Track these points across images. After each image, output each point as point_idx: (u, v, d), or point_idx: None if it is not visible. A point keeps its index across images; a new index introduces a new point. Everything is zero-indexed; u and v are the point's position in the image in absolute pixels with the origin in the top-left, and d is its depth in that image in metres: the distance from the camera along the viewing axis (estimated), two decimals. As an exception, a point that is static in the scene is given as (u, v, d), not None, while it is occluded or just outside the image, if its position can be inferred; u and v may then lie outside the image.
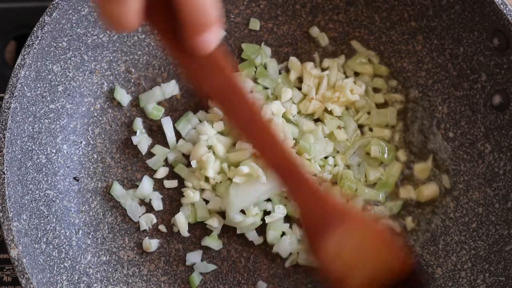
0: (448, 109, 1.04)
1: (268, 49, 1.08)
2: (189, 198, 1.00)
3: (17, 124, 0.90)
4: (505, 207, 0.95)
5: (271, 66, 1.08)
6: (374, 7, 1.07)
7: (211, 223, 1.00)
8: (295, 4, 1.09)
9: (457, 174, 1.02)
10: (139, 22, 0.65)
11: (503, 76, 0.95)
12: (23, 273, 0.84)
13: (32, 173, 0.93)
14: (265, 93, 1.06)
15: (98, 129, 1.04)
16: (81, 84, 1.02)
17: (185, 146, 1.03)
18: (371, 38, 1.08)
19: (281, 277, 1.00)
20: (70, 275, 0.94)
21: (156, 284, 0.99)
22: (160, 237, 1.01)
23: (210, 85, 0.73)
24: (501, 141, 0.97)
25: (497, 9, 0.92)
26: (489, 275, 0.93)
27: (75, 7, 0.96)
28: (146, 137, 1.04)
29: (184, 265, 0.99)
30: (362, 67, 1.08)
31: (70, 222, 0.98)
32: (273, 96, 1.06)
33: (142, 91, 1.06)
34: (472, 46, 0.99)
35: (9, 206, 0.86)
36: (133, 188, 1.02)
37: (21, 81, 0.90)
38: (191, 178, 1.02)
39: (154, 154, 1.03)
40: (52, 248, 0.93)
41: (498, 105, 0.97)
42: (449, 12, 1.00)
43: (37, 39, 0.92)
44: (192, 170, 1.01)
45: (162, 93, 1.05)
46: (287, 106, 1.04)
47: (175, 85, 1.06)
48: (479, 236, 0.97)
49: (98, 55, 1.02)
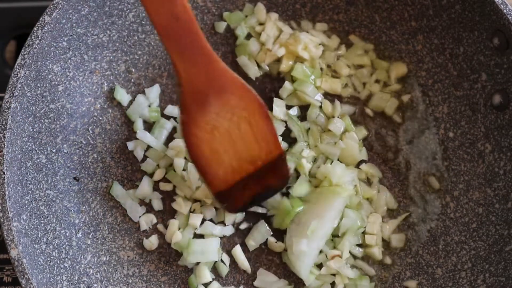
0: (448, 109, 1.04)
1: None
2: (180, 209, 1.00)
3: (17, 124, 0.90)
4: (505, 207, 0.95)
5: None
6: (374, 7, 1.07)
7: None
8: (295, 4, 1.09)
9: (457, 174, 1.01)
10: None
11: (503, 76, 0.95)
12: (23, 273, 0.84)
13: (32, 173, 0.93)
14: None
15: (98, 129, 1.04)
16: (81, 84, 1.02)
17: (172, 152, 1.03)
18: (371, 37, 1.08)
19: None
20: (70, 275, 0.94)
21: (156, 284, 0.99)
22: (160, 237, 1.01)
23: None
24: (501, 141, 0.97)
25: (497, 9, 0.92)
26: (489, 275, 0.93)
27: (75, 7, 0.95)
28: (141, 142, 1.03)
29: (184, 265, 0.99)
30: (360, 58, 1.08)
31: (70, 222, 0.98)
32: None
33: (142, 91, 1.06)
34: (472, 45, 0.99)
35: (9, 206, 0.86)
36: (133, 188, 1.02)
37: (21, 80, 0.90)
38: (182, 185, 1.01)
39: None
40: (52, 248, 0.93)
41: (498, 105, 0.97)
42: (449, 12, 1.00)
43: (37, 38, 0.92)
44: (183, 177, 1.01)
45: (147, 98, 1.05)
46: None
47: (158, 88, 1.06)
48: (479, 236, 0.97)
49: (98, 55, 1.02)
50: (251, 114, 0.87)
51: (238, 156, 0.89)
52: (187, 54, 0.81)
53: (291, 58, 1.06)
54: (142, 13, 1.04)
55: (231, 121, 0.86)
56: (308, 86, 1.04)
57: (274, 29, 1.08)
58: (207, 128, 0.86)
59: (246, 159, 0.90)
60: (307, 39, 1.05)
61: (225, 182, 0.91)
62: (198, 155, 0.88)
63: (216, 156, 0.88)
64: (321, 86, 1.05)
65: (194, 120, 0.85)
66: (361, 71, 1.08)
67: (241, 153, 0.89)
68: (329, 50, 1.08)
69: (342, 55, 1.08)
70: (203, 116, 0.85)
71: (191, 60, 0.81)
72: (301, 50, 1.05)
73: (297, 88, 1.04)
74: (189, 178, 1.00)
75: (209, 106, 0.85)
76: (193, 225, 0.99)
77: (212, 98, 0.85)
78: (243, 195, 0.94)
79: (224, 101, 0.85)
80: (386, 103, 1.06)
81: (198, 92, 0.84)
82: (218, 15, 1.09)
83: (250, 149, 0.89)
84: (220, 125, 0.86)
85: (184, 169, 1.01)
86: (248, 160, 0.90)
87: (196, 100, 0.84)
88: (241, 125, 0.87)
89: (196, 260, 0.97)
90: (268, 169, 0.92)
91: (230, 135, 0.87)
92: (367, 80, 1.07)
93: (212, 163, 0.89)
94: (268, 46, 1.06)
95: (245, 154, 0.90)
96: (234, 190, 0.92)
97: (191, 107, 0.85)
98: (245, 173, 0.91)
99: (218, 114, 0.86)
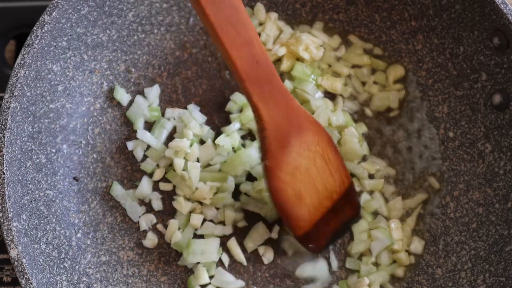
0: (448, 109, 1.03)
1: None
2: (180, 208, 1.00)
3: (17, 124, 0.90)
4: (505, 207, 0.95)
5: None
6: (374, 7, 1.07)
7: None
8: (295, 3, 1.09)
9: (457, 174, 1.01)
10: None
11: (503, 75, 0.95)
12: (23, 273, 0.84)
13: (32, 173, 0.93)
14: None
15: (98, 129, 1.04)
16: (81, 84, 1.02)
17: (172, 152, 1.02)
18: (371, 37, 1.08)
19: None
20: (70, 275, 0.94)
21: (156, 284, 0.99)
22: (160, 237, 1.01)
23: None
24: (501, 141, 0.97)
25: (497, 9, 0.92)
26: (489, 276, 0.93)
27: (75, 7, 0.95)
28: (141, 142, 1.03)
29: (184, 266, 0.99)
30: (359, 58, 1.07)
31: (70, 222, 0.98)
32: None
33: (141, 91, 1.06)
34: (472, 45, 0.99)
35: (9, 206, 0.86)
36: (133, 188, 1.02)
37: (21, 80, 0.90)
38: (182, 185, 1.01)
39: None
40: (52, 248, 0.93)
41: (498, 105, 0.97)
42: (449, 12, 1.00)
43: (37, 38, 0.91)
44: (183, 177, 1.01)
45: (146, 99, 1.05)
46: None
47: (158, 88, 1.06)
48: (479, 236, 0.97)
49: (98, 54, 1.02)
50: (323, 147, 0.88)
51: (317, 193, 0.89)
52: (269, 97, 0.81)
53: (291, 58, 1.06)
54: (141, 12, 1.04)
55: (308, 158, 0.87)
56: (308, 84, 1.04)
57: (274, 28, 1.07)
58: (290, 169, 0.86)
59: (324, 195, 0.90)
60: (309, 40, 1.05)
61: (308, 222, 0.91)
62: (283, 199, 0.88)
63: (299, 197, 0.88)
64: (322, 84, 1.05)
65: (279, 164, 0.85)
66: (361, 71, 1.08)
67: (319, 190, 0.89)
68: (330, 50, 1.08)
69: (342, 55, 1.08)
70: (286, 158, 0.85)
71: (273, 102, 0.81)
72: (302, 51, 1.05)
73: (297, 86, 1.04)
74: (189, 178, 0.99)
75: (291, 147, 0.85)
76: (194, 226, 0.99)
77: (293, 138, 0.85)
78: (325, 233, 0.94)
79: (302, 139, 0.86)
80: (386, 103, 1.06)
81: (281, 133, 0.84)
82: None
83: (326, 183, 0.90)
84: (300, 165, 0.86)
85: (184, 169, 1.00)
86: (326, 196, 0.90)
87: (280, 142, 0.84)
88: (317, 161, 0.87)
89: (196, 260, 0.96)
90: (342, 201, 0.93)
91: (309, 173, 0.87)
92: (367, 80, 1.07)
93: (296, 205, 0.89)
94: (268, 47, 1.06)
95: (323, 189, 0.90)
96: (316, 229, 0.92)
97: (277, 151, 0.85)
98: (325, 209, 0.91)
99: (298, 153, 0.86)
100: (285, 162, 0.85)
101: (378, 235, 0.98)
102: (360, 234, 0.99)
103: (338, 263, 0.99)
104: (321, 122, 1.02)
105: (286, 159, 0.85)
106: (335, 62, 1.08)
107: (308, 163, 0.87)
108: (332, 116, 1.02)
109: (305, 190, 0.88)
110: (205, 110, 1.06)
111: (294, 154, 0.85)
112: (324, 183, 0.89)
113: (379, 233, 0.98)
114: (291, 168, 0.86)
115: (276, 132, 0.84)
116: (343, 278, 0.99)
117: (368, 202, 1.01)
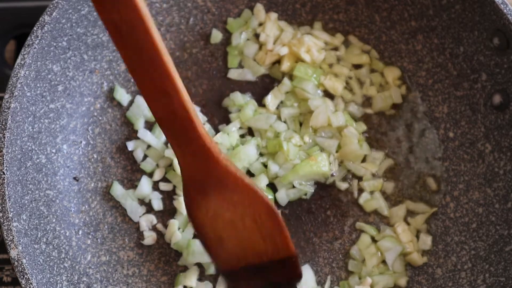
0: (448, 109, 1.04)
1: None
2: (180, 208, 1.00)
3: (17, 124, 0.90)
4: (505, 207, 0.95)
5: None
6: (374, 7, 1.07)
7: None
8: (295, 3, 1.09)
9: (457, 174, 1.01)
10: None
11: (503, 75, 0.95)
12: (23, 274, 0.84)
13: (32, 173, 0.93)
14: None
15: (98, 129, 1.04)
16: (81, 84, 1.02)
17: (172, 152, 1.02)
18: (371, 37, 1.08)
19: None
20: (70, 275, 0.94)
21: (156, 284, 0.99)
22: (160, 237, 1.01)
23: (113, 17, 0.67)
24: (501, 141, 0.97)
25: (498, 9, 0.92)
26: (489, 276, 0.93)
27: (75, 7, 0.95)
28: (141, 142, 1.03)
29: (184, 266, 0.99)
30: (359, 57, 1.07)
31: (70, 222, 0.98)
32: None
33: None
34: (472, 45, 0.99)
35: (9, 206, 0.86)
36: (133, 188, 1.02)
37: (21, 80, 0.90)
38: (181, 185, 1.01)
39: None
40: (52, 248, 0.93)
41: (498, 105, 0.97)
42: (449, 12, 1.00)
43: (37, 38, 0.91)
44: None
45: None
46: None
47: None
48: (479, 237, 0.97)
49: (98, 54, 1.02)
50: (257, 213, 0.85)
51: (242, 246, 0.88)
52: (185, 147, 0.79)
53: (292, 59, 1.06)
54: (142, 12, 1.04)
55: (234, 213, 0.85)
56: (308, 84, 1.04)
57: (274, 28, 1.07)
58: (209, 214, 0.85)
59: (250, 251, 0.88)
60: (311, 42, 1.05)
61: (228, 265, 0.90)
62: (202, 234, 0.87)
63: (219, 240, 0.87)
64: (323, 83, 1.04)
65: (196, 203, 0.84)
66: (361, 71, 1.07)
67: (245, 244, 0.87)
68: (331, 50, 1.08)
69: (342, 55, 1.08)
70: (205, 202, 0.84)
71: (190, 154, 0.79)
72: (304, 52, 1.04)
73: (296, 85, 1.04)
74: None
75: (209, 196, 0.84)
76: None
77: (211, 190, 0.83)
78: (250, 283, 0.93)
79: (225, 196, 0.84)
80: (386, 103, 1.06)
81: (198, 182, 0.82)
82: (218, 14, 1.09)
83: (255, 244, 0.87)
84: (222, 214, 0.85)
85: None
86: (252, 253, 0.88)
87: (196, 189, 0.83)
88: (245, 220, 0.85)
89: (196, 260, 0.96)
90: (276, 266, 0.90)
91: (235, 226, 0.86)
92: (366, 80, 1.07)
93: (215, 245, 0.88)
94: (268, 47, 1.06)
95: (250, 246, 0.88)
96: (240, 274, 0.91)
97: (191, 193, 0.84)
98: (250, 262, 0.89)
99: (219, 206, 0.84)
100: (203, 205, 0.84)
101: (387, 244, 0.98)
102: (367, 249, 0.99)
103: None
104: (320, 122, 1.02)
105: (204, 203, 0.84)
106: (335, 62, 1.08)
107: (233, 217, 0.85)
108: (332, 116, 1.02)
109: (227, 237, 0.87)
110: (205, 110, 1.06)
111: (213, 204, 0.84)
112: (251, 242, 0.87)
113: (388, 242, 0.98)
114: (211, 212, 0.84)
115: (191, 179, 0.82)
116: (344, 279, 0.99)
117: (368, 202, 1.01)
